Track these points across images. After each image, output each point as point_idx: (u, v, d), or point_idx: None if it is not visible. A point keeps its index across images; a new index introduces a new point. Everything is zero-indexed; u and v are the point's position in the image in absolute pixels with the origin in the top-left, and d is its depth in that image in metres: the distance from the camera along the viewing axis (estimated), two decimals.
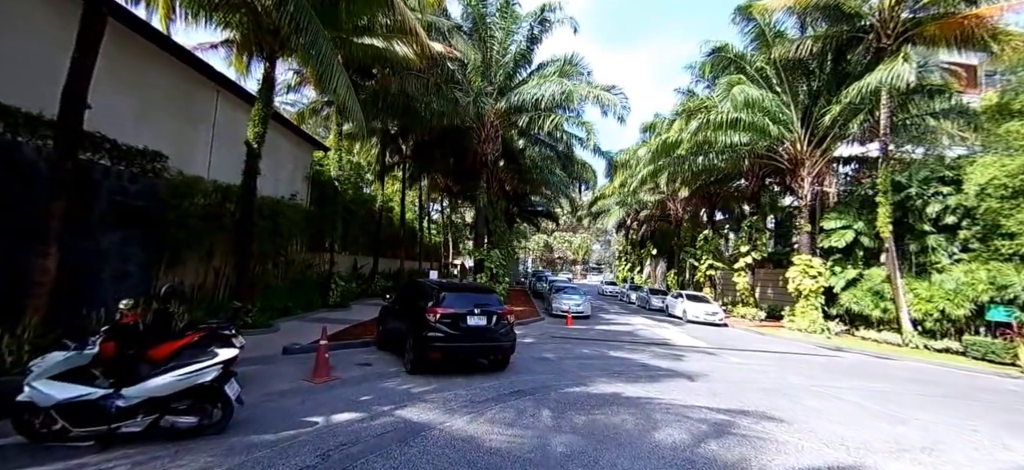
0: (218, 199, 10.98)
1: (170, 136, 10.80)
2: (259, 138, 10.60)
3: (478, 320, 7.14)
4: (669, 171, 21.24)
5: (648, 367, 9.24)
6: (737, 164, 21.33)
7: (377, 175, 22.93)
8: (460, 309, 7.06)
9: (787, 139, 19.00)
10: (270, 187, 14.08)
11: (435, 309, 6.95)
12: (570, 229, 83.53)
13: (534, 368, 8.21)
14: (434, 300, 7.13)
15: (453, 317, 6.98)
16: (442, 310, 6.97)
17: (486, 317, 7.20)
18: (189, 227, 9.88)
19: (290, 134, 16.51)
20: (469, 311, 7.10)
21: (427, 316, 6.95)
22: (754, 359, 11.77)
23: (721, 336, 16.34)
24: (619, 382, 7.56)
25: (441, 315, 6.93)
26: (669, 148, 18.66)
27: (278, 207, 13.13)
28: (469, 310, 7.11)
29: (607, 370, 8.60)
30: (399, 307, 8.41)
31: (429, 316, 6.93)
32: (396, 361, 8.13)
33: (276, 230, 13.09)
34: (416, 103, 15.67)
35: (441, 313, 6.94)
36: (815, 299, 18.38)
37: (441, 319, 6.92)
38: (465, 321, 7.04)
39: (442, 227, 40.15)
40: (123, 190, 8.12)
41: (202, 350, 5.89)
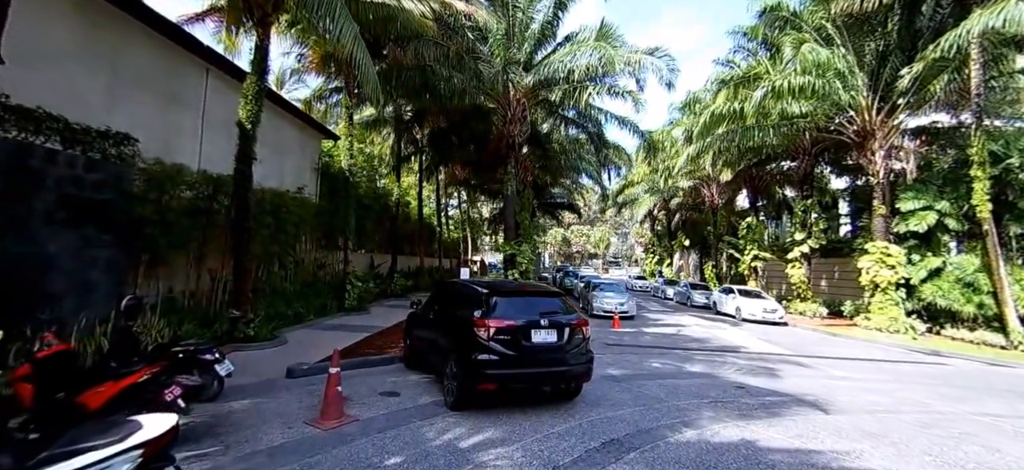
0: (208, 191, 9.27)
1: (150, 120, 9.12)
2: (253, 117, 8.82)
3: (546, 335, 5.21)
4: (714, 150, 18.98)
5: (748, 390, 7.22)
6: (793, 140, 18.97)
7: (392, 167, 21.19)
8: (520, 320, 5.16)
9: (855, 107, 16.61)
10: (274, 179, 12.38)
11: (485, 321, 5.05)
12: (587, 222, 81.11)
13: (610, 395, 6.26)
14: (483, 308, 5.25)
15: (512, 333, 5.07)
16: (496, 322, 5.06)
17: (556, 331, 5.27)
18: (172, 224, 8.17)
19: (295, 121, 14.80)
20: (533, 323, 5.19)
21: (475, 331, 5.05)
22: (856, 370, 9.65)
23: (792, 339, 14.15)
24: (732, 418, 5.57)
25: (495, 330, 5.03)
26: (717, 122, 16.42)
27: (283, 200, 11.41)
28: (533, 322, 5.20)
29: (701, 395, 6.60)
30: (433, 316, 6.52)
31: (478, 331, 5.03)
32: (430, 386, 6.27)
33: (281, 226, 11.36)
34: (434, 79, 13.79)
35: (495, 327, 5.04)
36: (895, 293, 16.00)
37: (496, 335, 5.01)
38: (528, 337, 5.13)
39: (459, 222, 38.37)
40: (77, 180, 6.38)
41: (145, 398, 4.11)
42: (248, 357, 7.68)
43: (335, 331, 10.24)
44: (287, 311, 10.61)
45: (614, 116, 16.71)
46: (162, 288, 8.44)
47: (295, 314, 10.86)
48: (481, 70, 13.68)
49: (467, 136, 20.99)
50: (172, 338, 6.99)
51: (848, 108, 16.58)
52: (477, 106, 18.32)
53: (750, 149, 19.47)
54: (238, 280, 8.74)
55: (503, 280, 6.28)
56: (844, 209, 27.34)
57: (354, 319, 12.21)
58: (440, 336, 5.98)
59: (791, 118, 16.83)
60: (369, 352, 8.24)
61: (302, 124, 15.16)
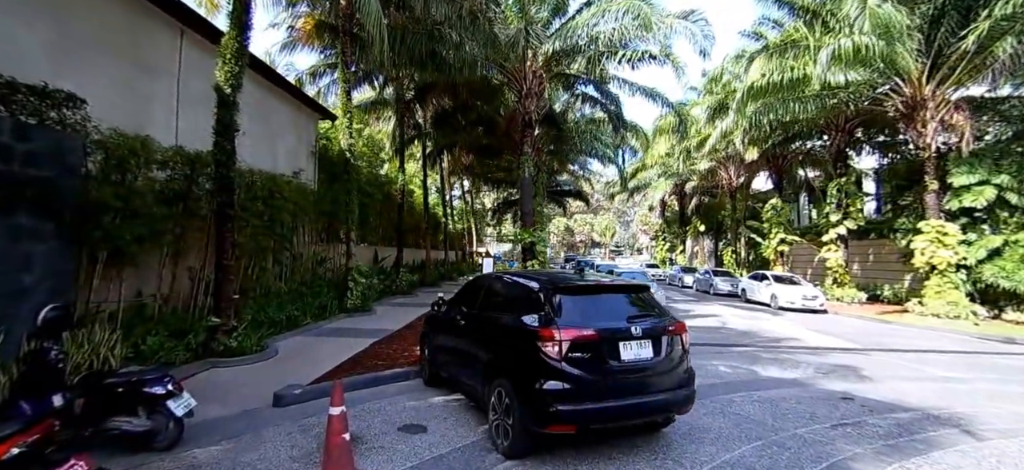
0: (185, 171, 7.73)
1: (113, 87, 7.56)
2: (233, 80, 7.28)
3: (639, 350, 3.69)
4: (744, 126, 17.42)
5: (860, 402, 5.78)
6: (832, 113, 17.40)
7: (395, 151, 19.64)
8: (603, 329, 3.64)
9: (905, 74, 15.03)
10: (267, 162, 10.87)
11: (554, 332, 3.52)
12: (590, 211, 79.40)
13: (702, 421, 4.78)
14: (545, 312, 3.75)
15: (594, 347, 3.55)
16: (571, 334, 3.51)
17: (651, 343, 3.75)
18: (140, 212, 6.65)
19: (289, 98, 13.22)
20: (622, 333, 3.67)
21: (538, 346, 3.56)
22: (955, 367, 8.20)
23: (847, 329, 12.73)
24: (883, 455, 4.12)
25: (570, 345, 3.48)
26: (756, 94, 14.83)
27: (276, 185, 9.88)
28: (621, 331, 3.68)
29: (813, 415, 5.16)
30: (464, 320, 5.02)
31: (544, 347, 3.53)
32: (465, 413, 4.82)
33: (274, 216, 9.85)
34: (442, 46, 12.17)
35: (570, 340, 3.49)
36: (954, 275, 14.57)
37: (571, 353, 3.47)
38: (615, 354, 3.61)
39: (462, 213, 36.82)
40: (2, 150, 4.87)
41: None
42: (228, 377, 6.23)
43: (336, 338, 8.78)
44: (279, 315, 9.14)
45: (640, 88, 15.09)
46: (126, 292, 6.94)
47: (289, 318, 9.39)
48: (496, 33, 12.06)
49: (474, 117, 19.42)
50: (122, 363, 5.55)
51: (898, 76, 15.01)
52: (487, 82, 16.71)
53: (782, 125, 17.90)
54: (219, 280, 7.24)
55: (560, 272, 4.73)
56: (868, 188, 25.93)
57: (358, 321, 10.75)
58: (478, 349, 4.50)
59: (834, 89, 15.26)
60: (379, 364, 6.78)
61: (297, 103, 13.57)
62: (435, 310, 5.99)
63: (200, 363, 6.59)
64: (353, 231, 12.29)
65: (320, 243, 14.08)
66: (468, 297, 5.37)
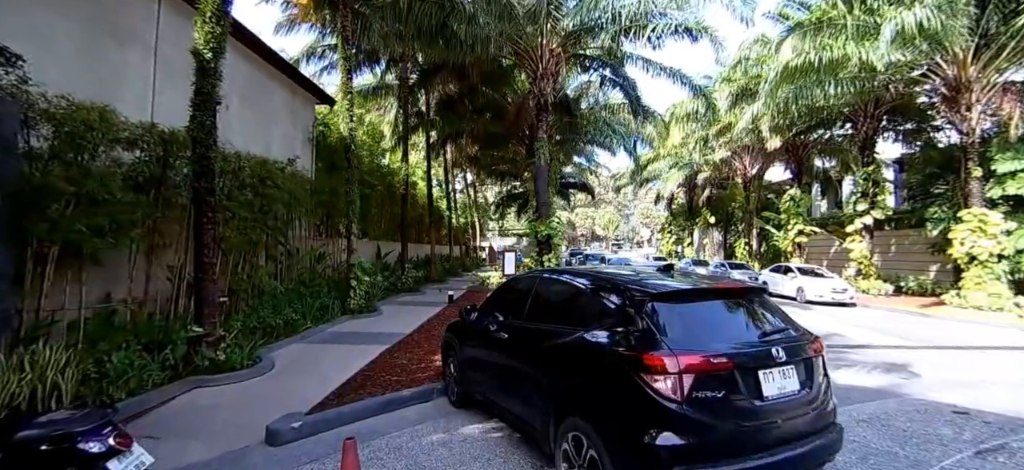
0: (157, 152, 6.57)
1: (73, 55, 6.39)
2: (215, 43, 6.12)
3: (783, 380, 2.61)
4: (772, 113, 16.32)
5: (971, 413, 4.74)
6: (866, 97, 16.33)
7: (398, 140, 18.49)
8: (736, 352, 2.58)
9: (950, 55, 13.97)
10: (259, 148, 9.68)
11: (659, 359, 2.42)
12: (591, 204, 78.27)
13: None
14: (640, 327, 2.66)
15: (727, 381, 2.46)
16: (693, 360, 2.41)
17: (795, 369, 2.68)
18: (102, 200, 5.50)
19: (284, 78, 12.01)
20: (760, 357, 2.60)
21: (643, 381, 2.45)
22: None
23: (890, 323, 11.76)
24: None
25: (695, 377, 2.39)
26: (791, 76, 13.71)
27: (268, 172, 8.72)
28: (760, 355, 2.62)
29: (942, 441, 4.11)
30: (508, 334, 3.91)
31: (650, 381, 2.42)
32: (515, 454, 3.73)
33: (267, 206, 8.70)
34: (454, 20, 10.99)
35: (694, 371, 2.39)
36: (996, 266, 13.62)
37: (696, 391, 2.39)
38: (756, 389, 2.52)
39: (465, 207, 35.67)
40: None
41: None
42: (212, 400, 5.11)
43: (340, 345, 7.68)
44: (275, 319, 8.02)
45: (663, 69, 13.93)
46: (90, 296, 5.81)
47: (286, 322, 8.27)
48: (513, 2, 10.89)
49: (482, 103, 18.24)
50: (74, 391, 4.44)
51: (941, 57, 13.95)
52: (497, 64, 15.57)
53: (811, 111, 16.82)
54: (200, 281, 6.11)
55: (646, 271, 3.60)
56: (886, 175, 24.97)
57: (363, 324, 9.65)
58: (533, 373, 3.41)
59: (874, 70, 14.16)
60: (394, 380, 5.68)
61: (292, 85, 12.36)
62: (463, 317, 4.89)
63: (180, 383, 5.47)
64: (355, 224, 11.14)
65: (318, 238, 12.96)
66: (508, 303, 4.27)
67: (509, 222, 50.38)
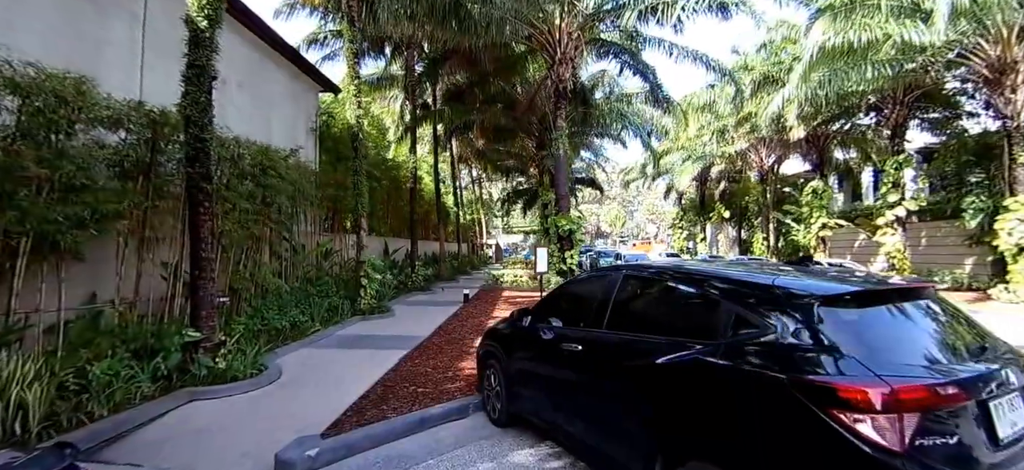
0: (145, 134, 5.80)
1: (50, 26, 5.62)
2: (210, 10, 5.34)
3: (1013, 414, 1.79)
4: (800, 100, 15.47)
5: None
6: (901, 81, 15.46)
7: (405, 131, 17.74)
8: (959, 377, 1.74)
9: (993, 33, 13.11)
10: (259, 135, 8.89)
11: (861, 390, 1.60)
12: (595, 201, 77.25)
13: None
14: (818, 341, 1.83)
15: (957, 419, 1.64)
16: (918, 392, 1.60)
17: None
18: (82, 187, 4.76)
19: (286, 63, 11.23)
20: (991, 382, 1.77)
21: (837, 423, 1.62)
22: None
23: None
24: None
25: (923, 413, 1.57)
26: (827, 57, 12.85)
27: (271, 160, 7.95)
28: (990, 378, 1.78)
29: None
30: (583, 347, 3.05)
31: (850, 422, 1.60)
32: None
33: (270, 197, 7.94)
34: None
35: (920, 407, 1.58)
36: None
37: (921, 435, 1.55)
38: (988, 426, 1.70)
39: (472, 203, 34.91)
40: None
41: None
42: (210, 417, 4.34)
43: (353, 350, 6.92)
44: (280, 321, 7.26)
45: (689, 53, 13.11)
46: (70, 296, 5.05)
47: (293, 324, 7.52)
48: None
49: (492, 93, 17.46)
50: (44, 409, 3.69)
51: (983, 36, 13.10)
52: (509, 51, 14.76)
53: (840, 97, 15.96)
54: (196, 279, 5.35)
55: (770, 266, 2.78)
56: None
57: (376, 326, 8.89)
58: (629, 396, 2.61)
59: (912, 51, 13.30)
60: (420, 392, 4.90)
61: (294, 69, 11.59)
62: (512, 323, 4.11)
63: (173, 396, 4.71)
64: (364, 219, 10.37)
65: (324, 233, 12.21)
66: (575, 307, 3.50)
67: (515, 219, 49.70)
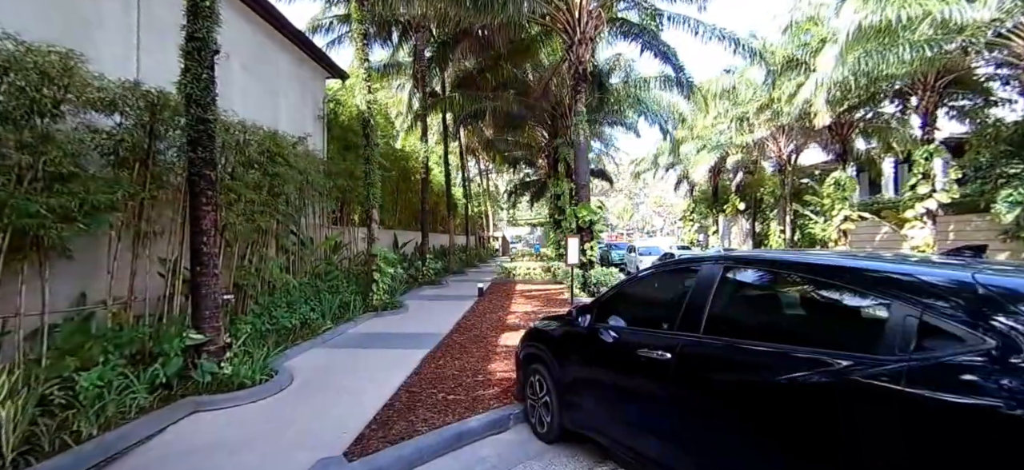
0: (142, 118, 5.26)
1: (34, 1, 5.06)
2: None
3: None
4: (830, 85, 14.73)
5: None
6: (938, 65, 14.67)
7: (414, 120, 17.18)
8: None
9: None
10: (265, 121, 8.33)
11: None
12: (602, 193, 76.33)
13: None
14: None
15: None
16: None
17: None
18: (64, 174, 4.23)
19: (291, 46, 10.64)
20: None
21: None
22: None
23: None
24: None
25: None
26: (865, 37, 12.11)
27: (278, 147, 7.41)
28: None
29: None
30: (669, 352, 2.46)
31: None
32: None
33: (277, 187, 7.40)
34: None
35: None
36: None
37: None
38: None
39: (479, 194, 34.33)
40: None
41: None
42: (214, 434, 3.81)
43: (369, 350, 6.40)
44: (290, 319, 6.76)
45: (716, 32, 12.40)
46: (57, 297, 4.55)
47: (303, 322, 7.02)
48: None
49: (504, 78, 16.82)
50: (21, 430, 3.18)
51: None
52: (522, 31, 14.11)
53: (872, 81, 15.19)
54: (197, 275, 4.83)
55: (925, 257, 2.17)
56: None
57: (390, 323, 8.37)
58: (760, 427, 2.04)
59: (949, 29, 12.52)
60: (450, 400, 4.36)
61: (300, 54, 11.00)
62: (559, 324, 3.56)
63: (173, 407, 4.20)
64: (375, 210, 9.83)
65: (333, 225, 11.68)
66: (650, 306, 2.95)
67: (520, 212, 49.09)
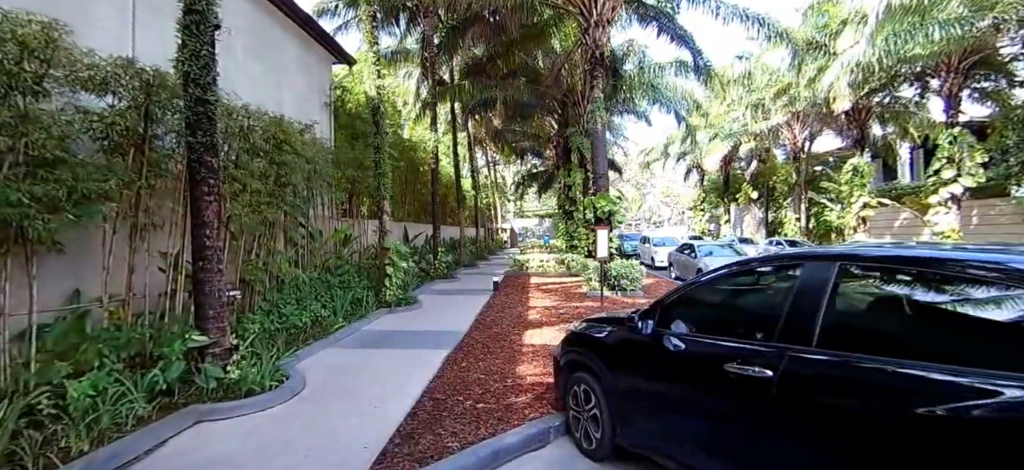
0: (140, 97, 4.81)
1: None
2: None
3: None
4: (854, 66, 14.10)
5: None
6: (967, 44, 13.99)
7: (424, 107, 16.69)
8: None
9: None
10: (271, 107, 7.89)
11: None
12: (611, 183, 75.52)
13: None
14: None
15: None
16: None
17: None
18: (50, 160, 3.81)
19: (296, 29, 10.16)
20: None
21: None
22: None
23: None
24: None
25: None
26: (894, 15, 11.46)
27: (285, 133, 6.96)
28: None
29: None
30: (773, 373, 1.97)
31: None
32: None
33: (284, 177, 6.97)
34: None
35: None
36: None
37: None
38: None
39: (488, 186, 33.86)
40: None
41: None
42: (221, 448, 3.38)
43: (385, 349, 5.98)
44: (300, 317, 6.35)
45: (739, 12, 11.79)
46: (46, 294, 4.14)
47: (314, 320, 6.61)
48: None
49: (515, 65, 16.27)
50: None
51: None
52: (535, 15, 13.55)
53: (899, 62, 14.55)
54: (200, 271, 4.40)
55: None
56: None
57: (405, 319, 7.96)
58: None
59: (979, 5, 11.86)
60: (480, 409, 3.93)
61: (306, 37, 10.52)
62: (609, 327, 3.11)
63: (175, 418, 3.78)
64: (387, 201, 9.39)
65: (341, 218, 11.26)
66: (729, 311, 2.50)
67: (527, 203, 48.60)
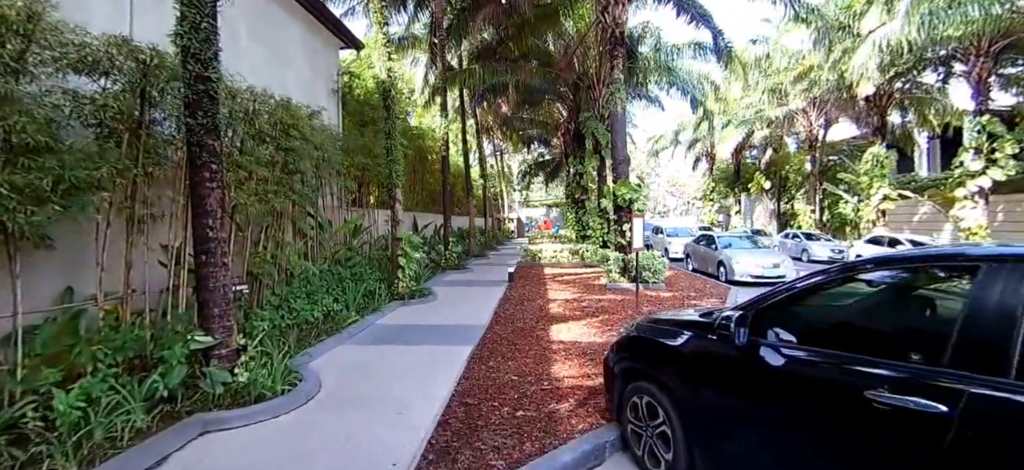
0: (136, 78, 4.40)
1: None
2: None
3: None
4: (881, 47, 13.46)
5: None
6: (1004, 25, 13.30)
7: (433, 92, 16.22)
8: None
9: None
10: (276, 91, 7.47)
11: None
12: None
13: None
14: None
15: None
16: None
17: None
18: (36, 147, 3.41)
19: (302, 13, 9.69)
20: None
21: None
22: None
23: None
24: None
25: None
26: None
27: (293, 117, 6.55)
28: None
29: None
30: (949, 409, 1.51)
31: None
32: None
33: (292, 164, 6.57)
34: None
35: None
36: None
37: None
38: None
39: (495, 175, 33.38)
40: None
41: None
42: (226, 463, 3.02)
43: (403, 346, 5.61)
44: (311, 311, 6.00)
45: None
46: (34, 292, 3.79)
47: (327, 314, 6.25)
48: None
49: (527, 48, 15.72)
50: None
51: None
52: None
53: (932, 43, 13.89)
54: (203, 265, 4.03)
55: None
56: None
57: (420, 312, 7.59)
58: None
59: None
60: (518, 413, 3.55)
61: (312, 20, 10.03)
62: (685, 331, 2.70)
63: (177, 429, 3.43)
64: (399, 190, 8.99)
65: (350, 208, 10.88)
66: (856, 323, 2.18)
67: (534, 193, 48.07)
